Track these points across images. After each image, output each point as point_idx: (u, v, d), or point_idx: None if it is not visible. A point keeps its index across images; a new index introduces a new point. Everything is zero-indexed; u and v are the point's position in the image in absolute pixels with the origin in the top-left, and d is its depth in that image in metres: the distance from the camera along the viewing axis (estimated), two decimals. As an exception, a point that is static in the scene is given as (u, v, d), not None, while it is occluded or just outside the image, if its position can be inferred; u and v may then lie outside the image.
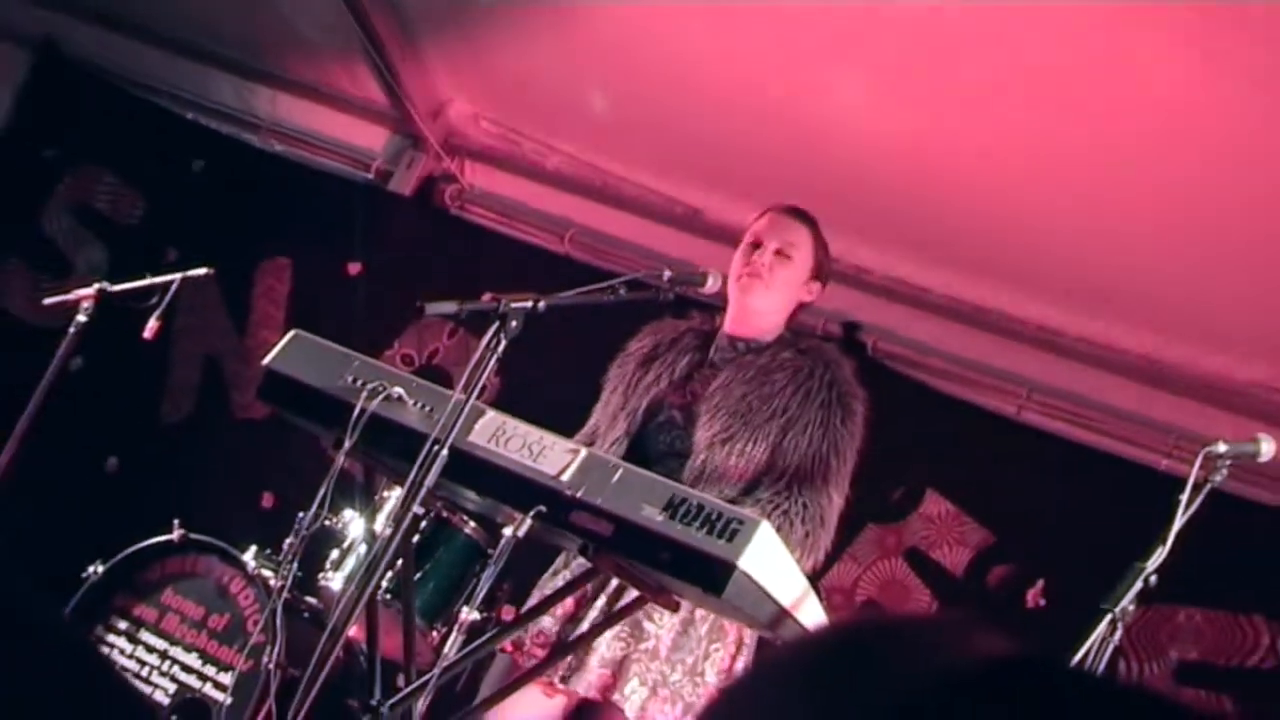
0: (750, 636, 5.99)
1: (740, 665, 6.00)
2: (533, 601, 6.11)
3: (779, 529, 5.63)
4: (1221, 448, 5.99)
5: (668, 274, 5.98)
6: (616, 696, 5.81)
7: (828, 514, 5.97)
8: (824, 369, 6.12)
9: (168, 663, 7.99)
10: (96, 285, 8.02)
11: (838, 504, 6.06)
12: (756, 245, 6.27)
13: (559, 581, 6.10)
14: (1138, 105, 7.74)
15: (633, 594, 5.70)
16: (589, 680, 5.85)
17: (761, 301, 6.23)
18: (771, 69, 8.66)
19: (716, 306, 6.41)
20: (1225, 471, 5.98)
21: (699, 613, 5.84)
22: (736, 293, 6.24)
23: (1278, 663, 8.02)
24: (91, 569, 8.06)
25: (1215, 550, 6.93)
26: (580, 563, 5.96)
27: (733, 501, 5.79)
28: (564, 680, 5.89)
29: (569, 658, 5.88)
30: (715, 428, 6.02)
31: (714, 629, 5.91)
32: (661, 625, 5.85)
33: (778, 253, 6.23)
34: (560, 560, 6.18)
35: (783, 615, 5.29)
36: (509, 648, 6.04)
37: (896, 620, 1.30)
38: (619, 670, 5.84)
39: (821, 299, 6.48)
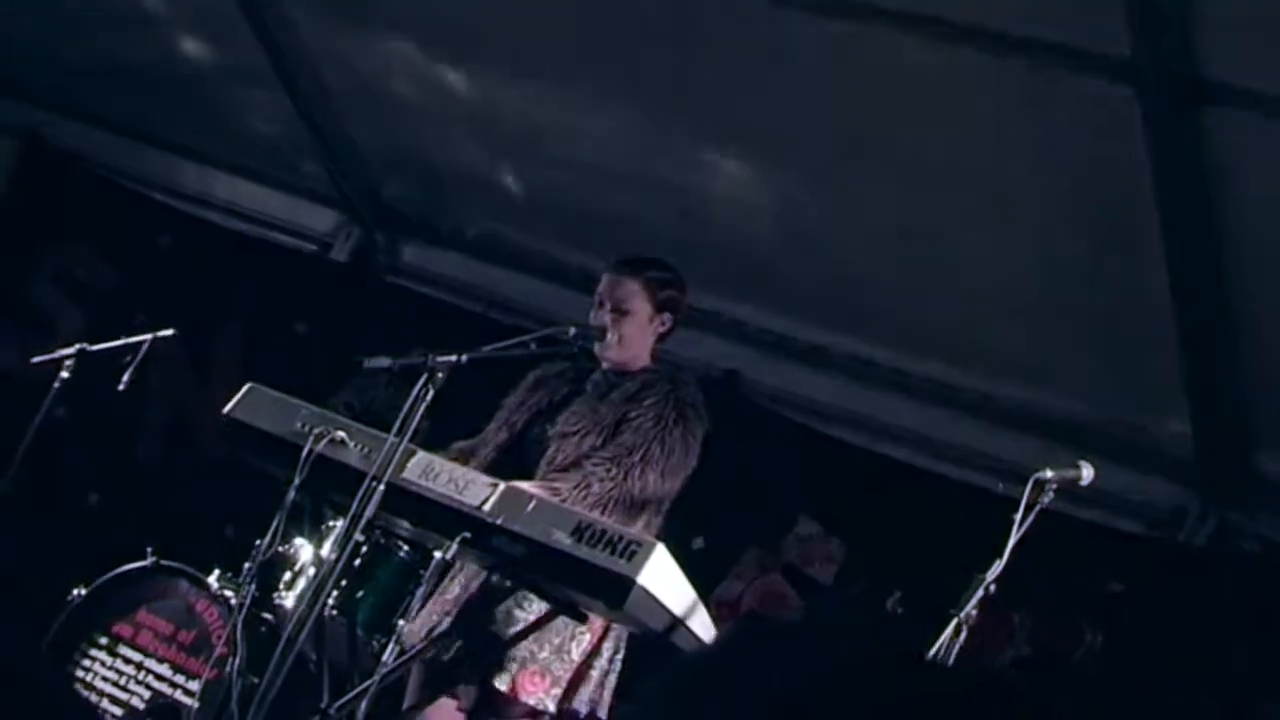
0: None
1: (607, 645, 5.94)
2: (436, 609, 6.02)
3: (577, 485, 5.68)
4: (1048, 473, 5.99)
5: (573, 330, 5.97)
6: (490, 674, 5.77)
7: (635, 491, 5.83)
8: (670, 385, 6.05)
9: (143, 673, 7.90)
10: (78, 345, 7.94)
11: (659, 489, 5.90)
12: (601, 304, 6.21)
13: (455, 587, 6.02)
14: (966, 173, 7.78)
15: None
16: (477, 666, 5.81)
17: (613, 354, 6.17)
18: (661, 151, 8.67)
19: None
20: (1052, 493, 5.99)
21: (563, 600, 5.78)
22: (598, 348, 6.17)
23: (1097, 656, 8.05)
24: (76, 592, 7.97)
25: (1044, 561, 6.95)
26: (471, 569, 5.93)
27: (563, 470, 5.79)
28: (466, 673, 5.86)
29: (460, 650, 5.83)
30: (570, 425, 5.98)
31: None
32: (529, 611, 5.79)
33: (614, 310, 6.16)
34: (455, 568, 6.11)
35: (677, 624, 5.28)
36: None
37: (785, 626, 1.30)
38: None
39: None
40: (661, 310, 6.20)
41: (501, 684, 5.74)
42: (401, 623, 5.80)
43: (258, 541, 6.03)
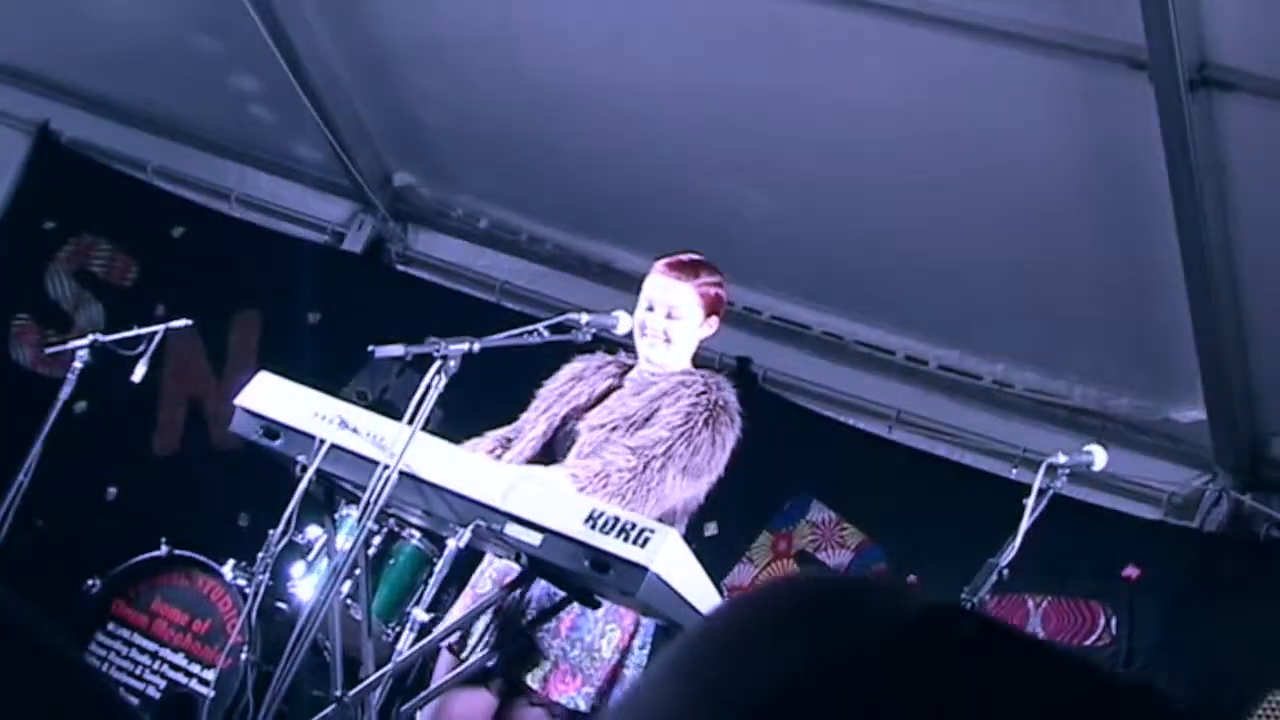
0: (648, 620, 5.92)
1: (637, 643, 5.92)
2: (467, 601, 6.03)
3: (598, 474, 5.60)
4: (1061, 459, 6.01)
5: (585, 318, 5.95)
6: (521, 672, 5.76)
7: (659, 486, 5.72)
8: (702, 385, 6.00)
9: (158, 662, 7.94)
10: (91, 336, 7.97)
11: (678, 486, 5.79)
12: (650, 308, 6.14)
13: (488, 581, 6.02)
14: (979, 161, 7.79)
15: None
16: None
17: (660, 356, 6.11)
18: (671, 139, 8.68)
19: (633, 346, 6.31)
20: (1064, 479, 6.00)
21: (595, 599, 5.77)
22: (643, 348, 6.13)
23: (1112, 640, 8.06)
24: (91, 581, 8.00)
25: (1057, 545, 6.96)
26: (504, 565, 5.91)
27: (587, 456, 5.77)
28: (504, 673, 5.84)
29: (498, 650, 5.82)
30: (599, 418, 5.96)
31: (610, 613, 5.82)
32: (563, 610, 5.79)
33: (668, 316, 6.12)
34: (485, 562, 6.10)
35: (690, 612, 5.28)
36: (453, 649, 5.95)
37: (841, 580, 1.28)
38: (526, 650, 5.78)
39: (715, 337, 6.36)
40: (710, 315, 6.16)
41: (534, 681, 5.73)
42: (415, 610, 5.81)
43: (271, 531, 6.04)
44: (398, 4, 8.98)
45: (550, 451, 6.06)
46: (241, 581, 7.77)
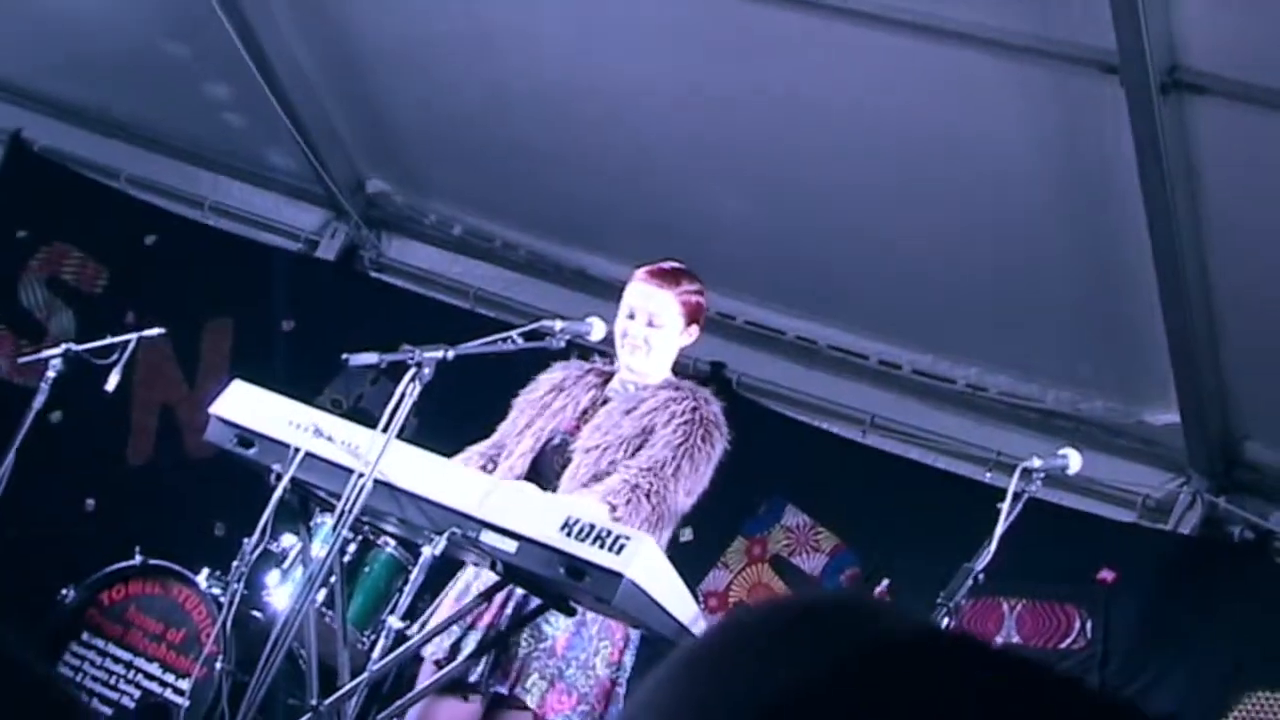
0: (635, 634, 5.92)
1: (627, 658, 5.92)
2: (447, 612, 6.01)
3: (629, 501, 5.61)
4: (1035, 462, 6.01)
5: (559, 325, 5.95)
6: (519, 690, 5.74)
7: (672, 505, 5.79)
8: (693, 400, 6.00)
9: (133, 672, 7.91)
10: (64, 346, 7.94)
11: (683, 503, 5.87)
12: (631, 315, 6.12)
13: (473, 593, 6.00)
14: (953, 166, 7.80)
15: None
16: (500, 677, 5.78)
17: (641, 365, 6.11)
18: (645, 146, 8.68)
19: (609, 352, 6.30)
20: (1039, 482, 6.00)
21: (590, 616, 5.77)
22: (624, 355, 6.12)
23: (1088, 643, 8.06)
24: (65, 591, 7.98)
25: (1032, 549, 6.95)
26: (491, 577, 5.89)
27: (591, 479, 5.79)
28: (485, 683, 5.81)
29: (485, 662, 5.80)
30: (594, 440, 5.95)
31: (603, 629, 5.83)
32: (557, 628, 5.77)
33: (649, 324, 6.11)
34: (470, 572, 6.08)
35: (666, 618, 5.27)
36: (439, 663, 5.92)
37: (827, 597, 1.29)
38: (522, 667, 5.76)
39: (690, 344, 6.35)
40: (690, 324, 6.15)
41: (531, 700, 5.71)
42: (391, 619, 5.79)
43: (246, 539, 6.02)
44: (370, 8, 8.96)
45: (537, 468, 6.04)
46: (216, 590, 7.75)
